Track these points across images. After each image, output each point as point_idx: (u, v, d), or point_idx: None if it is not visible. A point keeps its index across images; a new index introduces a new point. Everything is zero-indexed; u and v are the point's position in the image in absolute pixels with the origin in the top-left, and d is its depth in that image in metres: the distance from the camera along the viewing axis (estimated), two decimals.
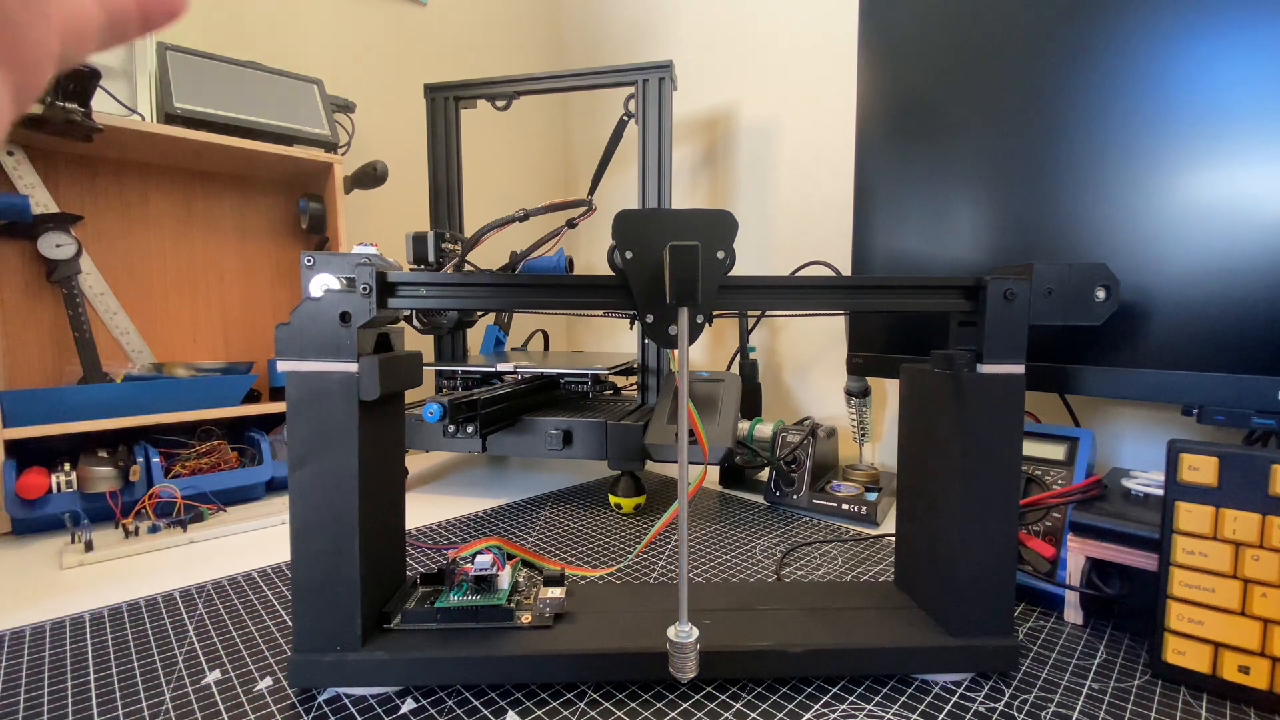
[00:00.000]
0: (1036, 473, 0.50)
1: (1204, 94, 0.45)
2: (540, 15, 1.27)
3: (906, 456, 0.42)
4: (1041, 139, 0.52)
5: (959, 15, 0.57)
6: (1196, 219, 0.45)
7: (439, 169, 0.89)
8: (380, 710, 0.34)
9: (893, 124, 0.63)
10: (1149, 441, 0.64)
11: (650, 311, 0.35)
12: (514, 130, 1.23)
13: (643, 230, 0.34)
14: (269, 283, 0.90)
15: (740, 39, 1.00)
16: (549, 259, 0.72)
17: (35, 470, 0.60)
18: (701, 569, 0.52)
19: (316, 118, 0.82)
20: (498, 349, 0.99)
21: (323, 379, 0.34)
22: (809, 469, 0.66)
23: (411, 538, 0.59)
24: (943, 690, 0.36)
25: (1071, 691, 0.35)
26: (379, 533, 0.37)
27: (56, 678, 0.37)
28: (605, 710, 0.34)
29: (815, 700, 0.35)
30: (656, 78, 0.77)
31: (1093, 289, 0.35)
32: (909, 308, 0.37)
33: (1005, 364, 0.35)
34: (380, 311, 0.34)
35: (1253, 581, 0.34)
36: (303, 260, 0.35)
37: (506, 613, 0.37)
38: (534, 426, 0.68)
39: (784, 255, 0.96)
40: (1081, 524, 0.42)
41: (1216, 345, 0.44)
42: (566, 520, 0.64)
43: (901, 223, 0.63)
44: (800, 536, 0.60)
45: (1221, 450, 0.35)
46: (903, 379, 0.43)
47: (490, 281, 0.38)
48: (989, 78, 0.56)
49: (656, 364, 0.78)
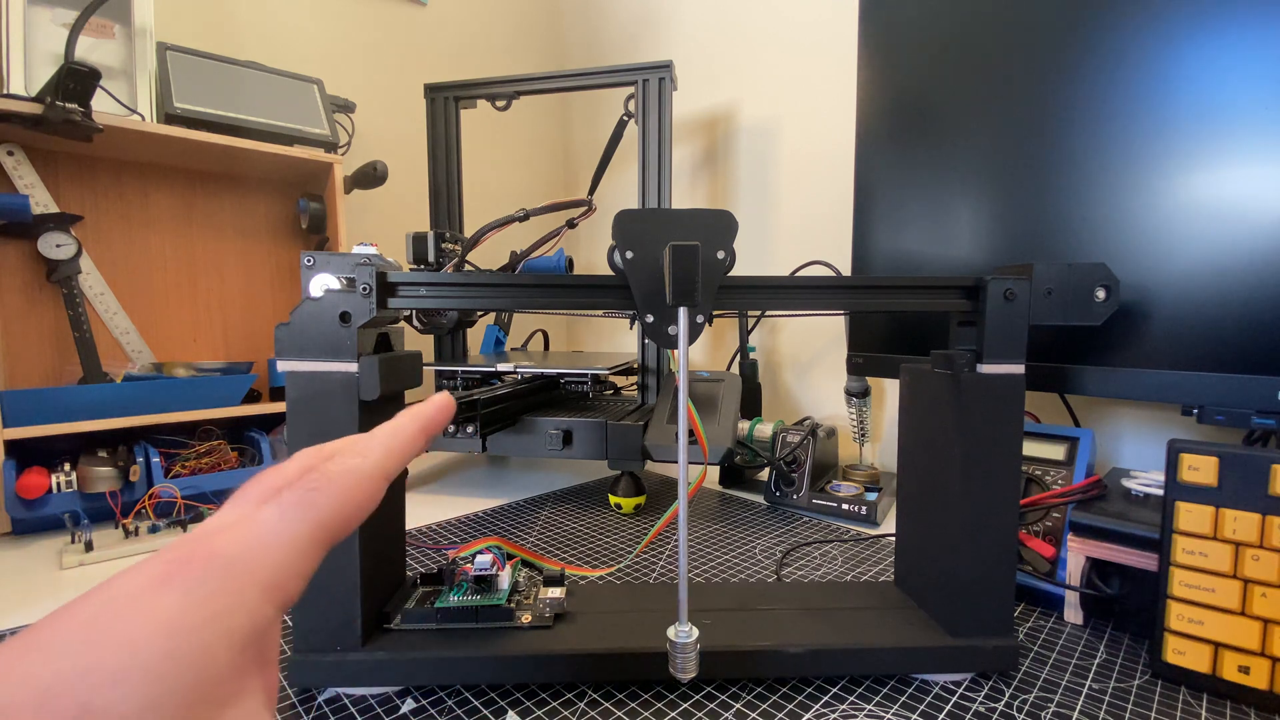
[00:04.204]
0: (1036, 473, 0.50)
1: (1204, 94, 0.45)
2: (540, 15, 1.27)
3: (906, 456, 0.42)
4: (1042, 138, 0.52)
5: (959, 15, 0.57)
6: (1196, 219, 0.45)
7: (439, 169, 0.89)
8: (380, 710, 0.34)
9: (893, 124, 0.63)
10: (1149, 441, 0.64)
11: (650, 311, 0.35)
12: (514, 130, 1.23)
13: (643, 230, 0.34)
14: (269, 283, 0.90)
15: (740, 39, 1.00)
16: (549, 259, 0.72)
17: (35, 470, 0.60)
18: (701, 569, 0.52)
19: (316, 118, 0.82)
20: (498, 349, 0.99)
21: (323, 379, 0.34)
22: (809, 469, 0.66)
23: (411, 538, 0.59)
24: (943, 690, 0.36)
25: (1071, 691, 0.35)
26: (379, 533, 0.37)
27: None
28: (605, 710, 0.34)
29: (815, 700, 0.35)
30: (656, 78, 0.77)
31: (1093, 289, 0.35)
32: (909, 308, 0.37)
33: (1005, 364, 0.35)
34: (380, 311, 0.34)
35: (1253, 581, 0.34)
36: (303, 260, 0.35)
37: (506, 613, 0.37)
38: (534, 426, 0.68)
39: (784, 255, 0.96)
40: (1081, 524, 0.42)
41: (1216, 345, 0.44)
42: (566, 520, 0.64)
43: (901, 223, 0.63)
44: (800, 536, 0.60)
45: (1221, 450, 0.35)
46: (903, 379, 0.43)
47: (490, 281, 0.38)
48: (989, 77, 0.56)
49: (656, 364, 0.78)
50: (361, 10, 1.00)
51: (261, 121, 0.76)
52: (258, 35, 0.89)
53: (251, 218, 0.87)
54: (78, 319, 0.70)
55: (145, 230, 0.79)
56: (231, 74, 0.77)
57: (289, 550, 0.16)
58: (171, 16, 0.80)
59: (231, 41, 0.86)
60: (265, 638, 0.15)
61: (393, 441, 0.21)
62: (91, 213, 0.75)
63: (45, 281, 0.71)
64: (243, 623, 0.14)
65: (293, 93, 0.82)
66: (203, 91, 0.74)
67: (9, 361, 0.70)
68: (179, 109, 0.71)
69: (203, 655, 0.13)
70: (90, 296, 0.75)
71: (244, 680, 0.14)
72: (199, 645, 0.13)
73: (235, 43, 0.86)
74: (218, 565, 0.15)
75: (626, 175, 1.08)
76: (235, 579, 0.15)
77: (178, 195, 0.81)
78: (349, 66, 0.99)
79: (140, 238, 0.79)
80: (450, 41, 1.12)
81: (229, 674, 0.14)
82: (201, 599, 0.14)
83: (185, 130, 0.70)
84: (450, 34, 1.12)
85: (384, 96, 1.02)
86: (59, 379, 0.73)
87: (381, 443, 0.20)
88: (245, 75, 0.79)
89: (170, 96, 0.71)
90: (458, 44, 1.13)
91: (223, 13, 0.86)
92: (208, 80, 0.75)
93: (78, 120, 0.61)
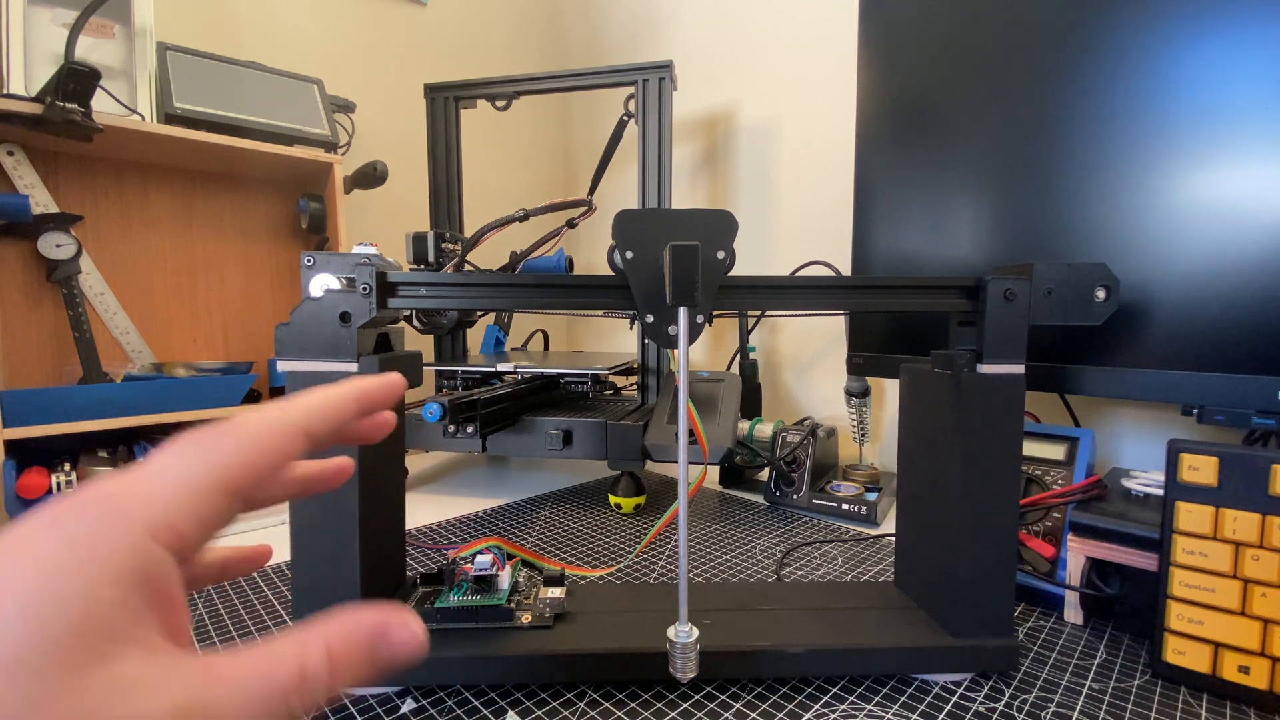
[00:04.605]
0: (1036, 473, 0.50)
1: (1205, 93, 0.45)
2: (540, 15, 1.27)
3: (906, 456, 0.42)
4: (1042, 138, 0.52)
5: (959, 15, 0.57)
6: (1196, 219, 0.45)
7: (439, 169, 0.89)
8: (380, 710, 0.34)
9: (893, 124, 0.63)
10: (1149, 441, 0.64)
11: (650, 311, 0.35)
12: (514, 130, 1.23)
13: (643, 230, 0.34)
14: (269, 283, 0.90)
15: (740, 39, 1.00)
16: (549, 259, 0.72)
17: (35, 470, 0.60)
18: (701, 569, 0.52)
19: (316, 118, 0.82)
20: (498, 349, 0.99)
21: (323, 379, 0.34)
22: (809, 469, 0.66)
23: (411, 538, 0.59)
24: (943, 690, 0.36)
25: (1071, 691, 0.35)
26: (379, 533, 0.37)
27: None
28: (605, 710, 0.34)
29: (815, 700, 0.35)
30: (656, 78, 0.77)
31: (1093, 289, 0.35)
32: (909, 308, 0.37)
33: (1005, 364, 0.35)
34: (380, 311, 0.34)
35: (1253, 581, 0.34)
36: (303, 260, 0.35)
37: (506, 613, 0.37)
38: (534, 426, 0.68)
39: (784, 255, 0.96)
40: (1081, 524, 0.42)
41: (1216, 345, 0.44)
42: (566, 520, 0.64)
43: (901, 223, 0.63)
44: (800, 536, 0.60)
45: (1221, 450, 0.35)
46: (903, 379, 0.43)
47: (490, 281, 0.38)
48: (989, 77, 0.56)
49: (656, 364, 0.78)
50: (361, 10, 1.00)
51: (261, 121, 0.76)
52: (258, 35, 0.89)
53: (251, 218, 0.87)
54: (78, 319, 0.70)
55: (145, 230, 0.79)
56: (231, 74, 0.77)
57: (180, 491, 0.16)
58: (171, 16, 0.80)
59: (231, 41, 0.86)
60: (161, 579, 0.15)
61: (322, 403, 0.20)
62: (91, 213, 0.75)
63: (45, 281, 0.71)
64: (127, 562, 0.14)
65: (293, 93, 0.82)
66: (203, 91, 0.74)
67: (9, 361, 0.70)
68: (179, 109, 0.71)
69: (85, 595, 0.13)
70: (90, 296, 0.75)
71: (138, 620, 0.14)
72: (81, 585, 0.13)
73: (235, 43, 0.86)
74: (100, 507, 0.15)
75: (626, 175, 1.08)
76: (117, 520, 0.15)
77: (178, 195, 0.81)
78: (349, 66, 0.99)
79: (140, 238, 0.79)
80: (450, 41, 1.12)
81: (119, 614, 0.13)
82: (82, 539, 0.14)
83: (185, 130, 0.70)
84: (450, 34, 1.12)
85: (384, 96, 1.02)
86: (59, 379, 0.73)
87: (308, 401, 0.20)
88: (245, 75, 0.79)
89: (170, 96, 0.71)
90: (458, 44, 1.13)
91: (223, 13, 0.86)
92: (208, 80, 0.75)
93: (78, 120, 0.61)
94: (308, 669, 0.15)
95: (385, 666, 0.17)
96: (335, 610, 0.17)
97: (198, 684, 0.14)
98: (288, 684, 0.15)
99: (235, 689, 0.14)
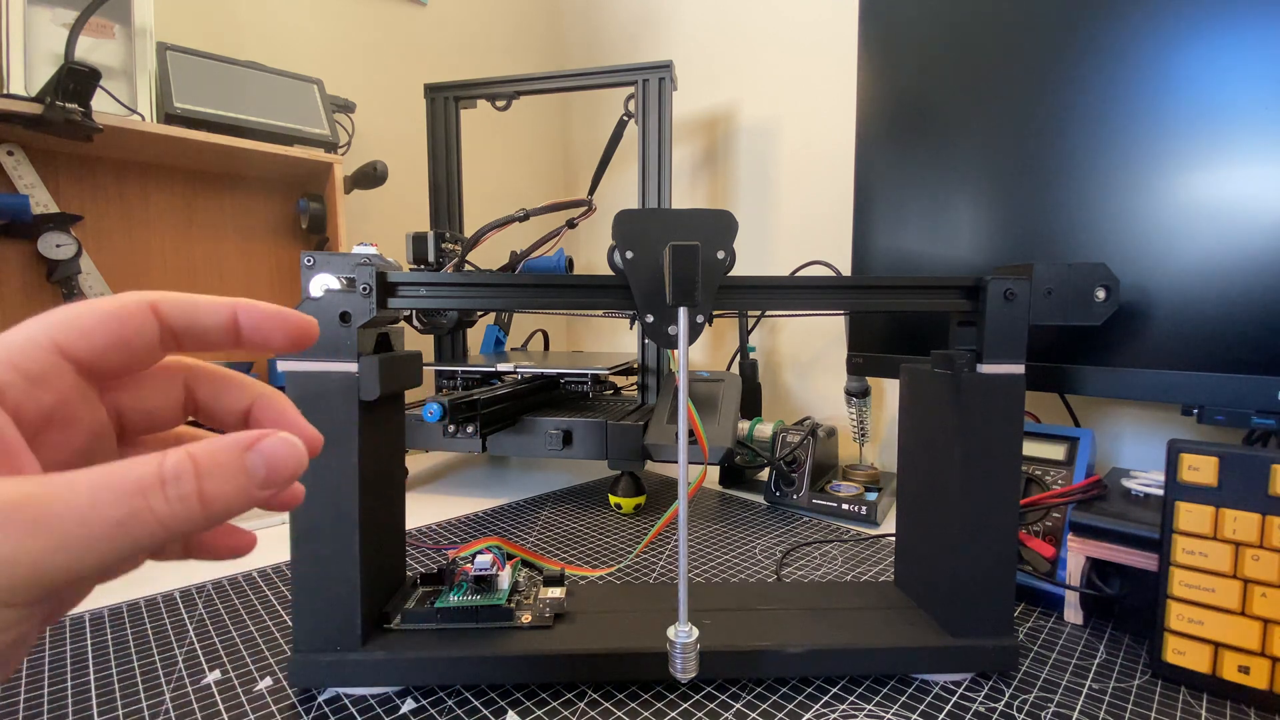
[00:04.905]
0: (1036, 473, 0.50)
1: (1204, 93, 0.45)
2: (540, 15, 1.27)
3: (906, 456, 0.42)
4: (1042, 138, 0.52)
5: (959, 15, 0.57)
6: (1196, 219, 0.45)
7: (439, 169, 0.89)
8: (380, 710, 0.34)
9: (893, 124, 0.63)
10: (1149, 441, 0.64)
11: (650, 311, 0.35)
12: (514, 130, 1.23)
13: (643, 230, 0.34)
14: (269, 283, 0.90)
15: (740, 39, 1.00)
16: (549, 259, 0.72)
17: None
18: (701, 569, 0.52)
19: (316, 118, 0.82)
20: (498, 349, 0.99)
21: (323, 379, 0.34)
22: (809, 469, 0.66)
23: (411, 538, 0.59)
24: (943, 690, 0.36)
25: (1071, 691, 0.35)
26: (379, 533, 0.37)
27: (56, 677, 0.37)
28: (605, 710, 0.34)
29: (815, 700, 0.35)
30: (656, 78, 0.77)
31: (1093, 289, 0.35)
32: (909, 308, 0.37)
33: (1005, 364, 0.35)
34: (380, 311, 0.34)
35: (1253, 581, 0.34)
36: (303, 260, 0.35)
37: (506, 613, 0.37)
38: (534, 426, 0.68)
39: (784, 255, 0.96)
40: (1081, 524, 0.42)
41: (1216, 345, 0.44)
42: (566, 520, 0.64)
43: (901, 223, 0.63)
44: (800, 536, 0.60)
45: (1221, 450, 0.35)
46: (903, 379, 0.43)
47: (490, 281, 0.38)
48: (989, 77, 0.56)
49: (656, 364, 0.78)
50: (361, 10, 1.00)
51: (261, 121, 0.76)
52: (258, 35, 0.89)
53: (251, 218, 0.87)
54: None
55: (145, 230, 0.79)
56: (231, 74, 0.77)
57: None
58: (171, 16, 0.80)
59: (231, 41, 0.86)
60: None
61: (184, 296, 0.18)
62: (91, 213, 0.75)
63: (45, 281, 0.71)
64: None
65: (293, 93, 0.82)
66: (203, 91, 0.74)
67: None
68: (179, 109, 0.71)
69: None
70: (90, 296, 0.75)
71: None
72: None
73: (235, 43, 0.86)
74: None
75: (626, 175, 1.08)
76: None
77: (178, 195, 0.81)
78: (349, 66, 0.99)
79: (140, 238, 0.79)
80: (450, 41, 1.12)
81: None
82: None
83: (185, 130, 0.70)
84: (450, 34, 1.12)
85: (384, 96, 1.02)
86: None
87: (175, 296, 0.18)
88: (245, 75, 0.79)
89: (170, 96, 0.71)
90: (458, 44, 1.13)
91: (223, 13, 0.86)
92: (208, 80, 0.75)
93: (78, 120, 0.61)
94: (166, 466, 0.14)
95: (265, 480, 0.15)
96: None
97: (32, 482, 0.13)
98: (145, 479, 0.14)
99: (82, 480, 0.13)
